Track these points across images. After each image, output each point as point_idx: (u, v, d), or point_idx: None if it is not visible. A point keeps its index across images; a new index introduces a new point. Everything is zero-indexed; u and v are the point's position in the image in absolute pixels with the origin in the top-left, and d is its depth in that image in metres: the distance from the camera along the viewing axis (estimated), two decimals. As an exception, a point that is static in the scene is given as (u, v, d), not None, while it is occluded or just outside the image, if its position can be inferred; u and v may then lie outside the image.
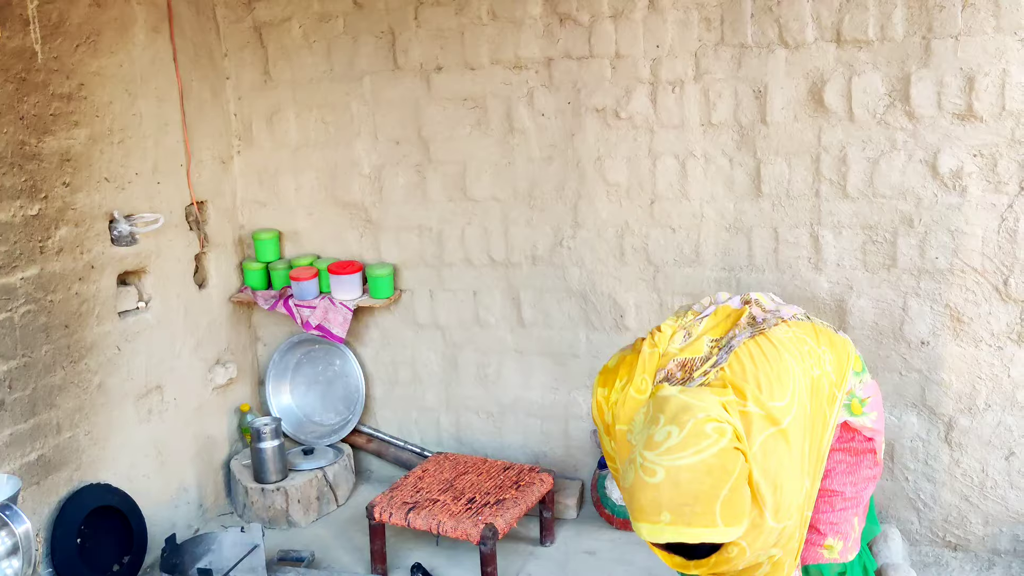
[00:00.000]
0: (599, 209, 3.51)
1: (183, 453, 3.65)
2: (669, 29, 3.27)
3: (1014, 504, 3.19)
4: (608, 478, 3.56)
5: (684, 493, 1.73)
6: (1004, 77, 2.92)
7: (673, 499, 1.72)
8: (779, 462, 1.87)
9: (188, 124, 3.62)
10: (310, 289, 3.80)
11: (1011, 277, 3.04)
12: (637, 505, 1.77)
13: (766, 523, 1.86)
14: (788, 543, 1.95)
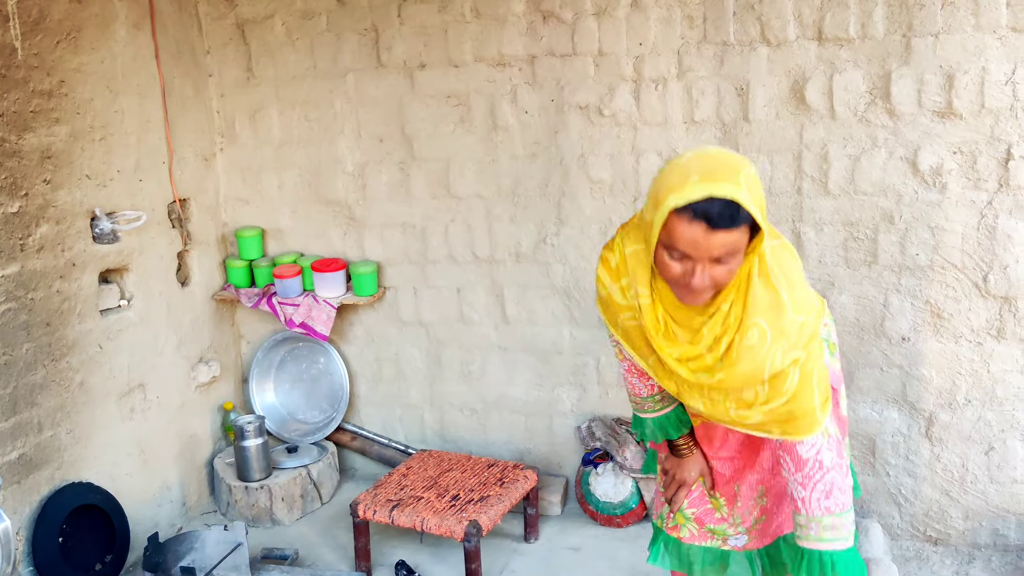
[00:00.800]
0: (583, 206, 3.52)
1: (166, 451, 3.64)
2: (652, 27, 3.28)
3: (994, 498, 3.22)
4: (592, 475, 3.57)
5: (713, 159, 1.76)
6: (983, 75, 2.95)
7: (702, 165, 1.74)
8: (788, 266, 1.87)
9: (170, 121, 3.61)
10: (293, 287, 3.79)
11: (990, 273, 3.07)
12: (665, 182, 1.76)
13: (785, 307, 1.83)
14: (810, 343, 1.86)
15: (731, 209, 1.70)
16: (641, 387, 2.21)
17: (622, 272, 1.98)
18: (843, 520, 1.94)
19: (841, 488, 1.94)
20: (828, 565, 1.93)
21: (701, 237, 1.71)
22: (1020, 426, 3.15)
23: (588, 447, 3.63)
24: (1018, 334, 3.08)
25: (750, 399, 1.90)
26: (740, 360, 1.85)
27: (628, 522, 3.53)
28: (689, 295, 1.82)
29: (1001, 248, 3.04)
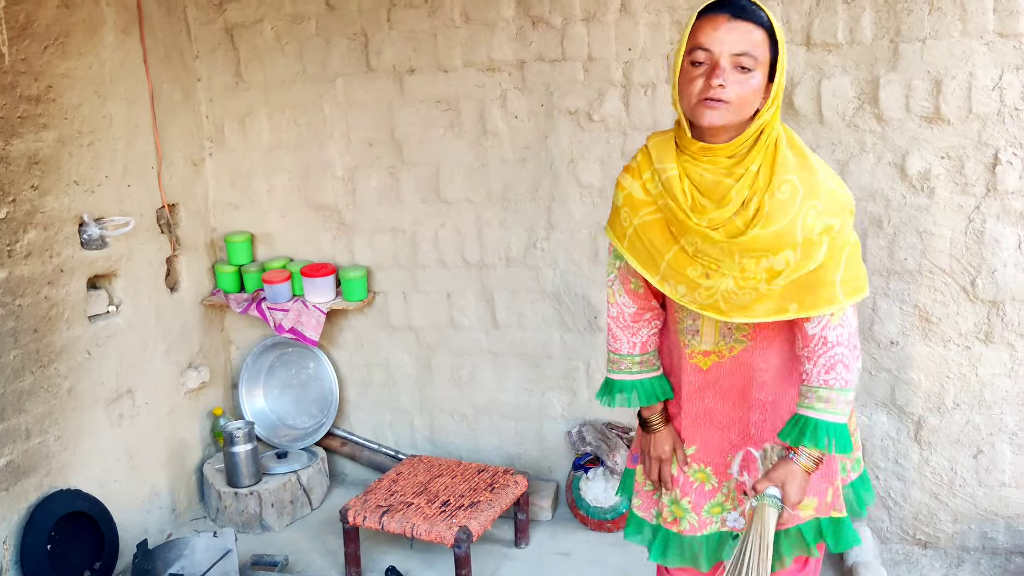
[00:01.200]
0: (573, 211, 3.52)
1: (155, 457, 3.62)
2: (641, 32, 3.28)
3: (982, 501, 3.23)
4: (582, 479, 3.58)
5: None
6: (971, 80, 2.96)
7: None
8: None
9: (159, 126, 3.60)
10: (283, 292, 3.78)
11: (978, 278, 3.08)
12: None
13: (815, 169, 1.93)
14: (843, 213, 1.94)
15: (753, 6, 1.86)
16: (624, 341, 2.22)
17: (645, 167, 2.05)
18: (839, 396, 1.99)
19: (845, 366, 1.98)
20: (810, 429, 1.99)
21: (724, 25, 1.83)
22: (1008, 429, 3.16)
23: (579, 452, 3.63)
24: (1006, 338, 3.10)
25: (780, 267, 1.93)
26: (774, 216, 1.89)
27: (619, 527, 3.53)
28: (709, 106, 1.85)
29: (989, 252, 3.05)
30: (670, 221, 2.01)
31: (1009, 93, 2.93)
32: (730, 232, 1.93)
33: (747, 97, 1.86)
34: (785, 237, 1.91)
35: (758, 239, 1.91)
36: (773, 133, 1.93)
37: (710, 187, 1.95)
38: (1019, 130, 2.95)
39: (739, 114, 1.87)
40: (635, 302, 2.19)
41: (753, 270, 1.95)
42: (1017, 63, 2.91)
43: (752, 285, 1.97)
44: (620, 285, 2.19)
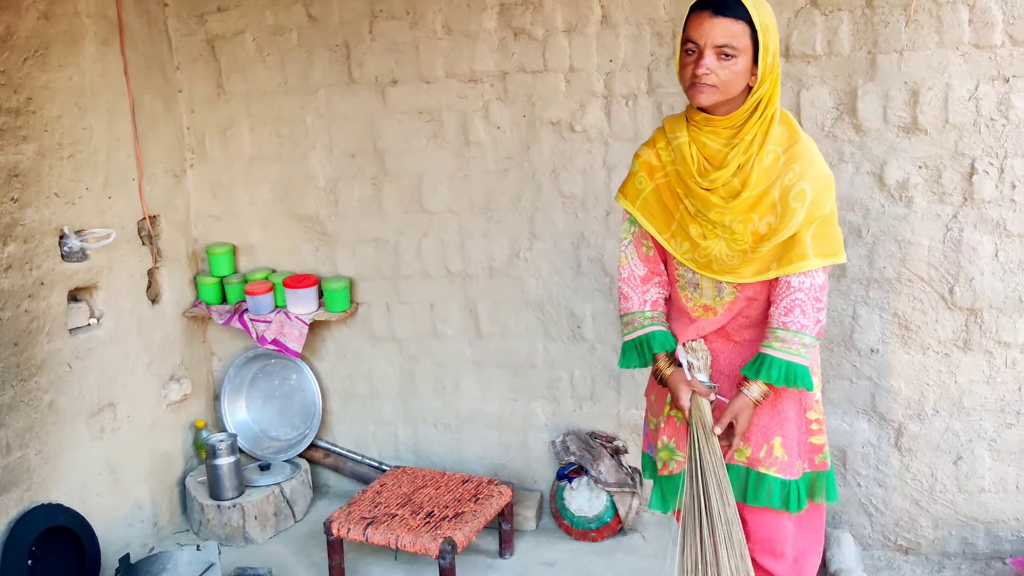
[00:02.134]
0: (555, 221, 3.53)
1: (137, 471, 3.60)
2: (622, 44, 3.31)
3: (963, 507, 3.26)
4: (567, 489, 3.58)
5: None
6: (947, 91, 3.00)
7: None
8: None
9: (140, 138, 3.58)
10: (265, 303, 3.77)
11: (956, 286, 3.12)
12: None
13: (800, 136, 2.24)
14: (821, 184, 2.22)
15: (734, 2, 2.14)
16: (635, 299, 2.47)
17: (659, 139, 2.38)
18: (795, 338, 2.25)
19: (803, 311, 2.25)
20: (765, 365, 2.26)
21: (706, 21, 2.14)
22: (987, 436, 3.20)
23: (562, 461, 3.64)
24: (984, 345, 3.13)
25: (763, 231, 2.23)
26: (760, 179, 2.21)
27: (603, 536, 3.54)
28: (698, 88, 2.17)
29: (966, 261, 3.09)
30: (678, 183, 2.33)
31: (985, 103, 2.97)
32: (728, 192, 2.25)
33: (730, 79, 2.17)
34: (766, 198, 2.22)
35: (746, 200, 2.22)
36: (770, 108, 2.23)
37: (712, 154, 2.27)
38: (995, 140, 2.99)
39: (725, 93, 2.19)
40: (646, 265, 2.47)
41: (741, 233, 2.25)
42: (992, 74, 2.95)
43: (741, 249, 2.27)
44: (633, 248, 2.48)
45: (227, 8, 3.70)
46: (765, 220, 2.23)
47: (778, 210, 2.22)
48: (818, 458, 2.45)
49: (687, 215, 2.33)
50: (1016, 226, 3.03)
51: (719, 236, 2.29)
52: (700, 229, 2.32)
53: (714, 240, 2.30)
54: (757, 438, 2.39)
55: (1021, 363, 3.11)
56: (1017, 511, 3.22)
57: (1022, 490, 3.20)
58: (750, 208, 2.24)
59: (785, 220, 2.21)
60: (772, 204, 2.22)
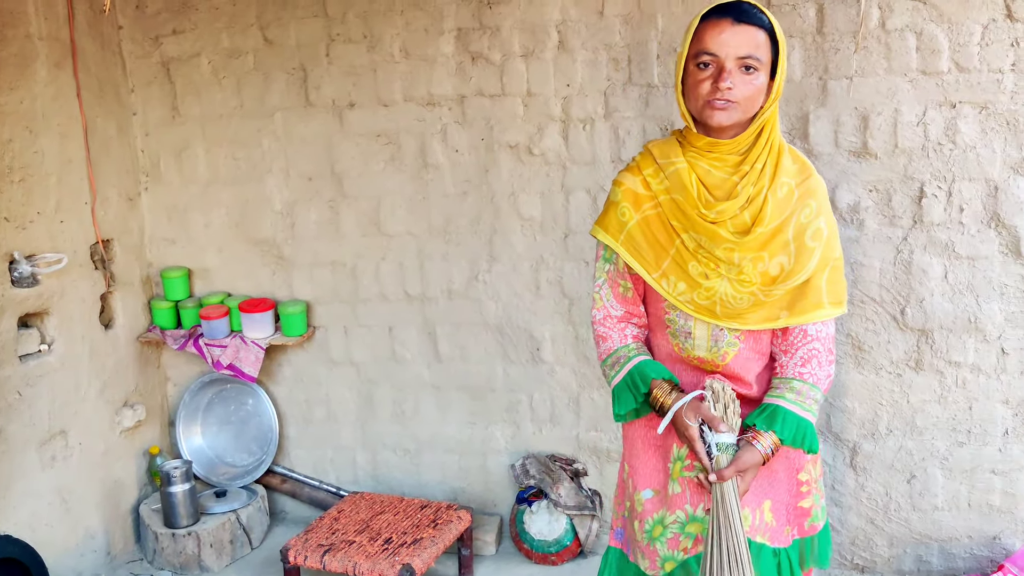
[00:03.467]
0: (514, 243, 3.54)
1: (89, 499, 3.53)
2: (579, 69, 3.33)
3: (916, 526, 3.30)
4: (526, 513, 3.57)
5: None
6: (896, 116, 3.06)
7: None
8: None
9: (93, 161, 3.54)
10: (221, 328, 3.73)
11: (907, 307, 3.17)
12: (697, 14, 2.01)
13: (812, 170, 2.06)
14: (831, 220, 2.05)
15: (755, 9, 1.94)
16: (615, 336, 2.20)
17: (646, 164, 2.12)
18: (810, 391, 2.04)
19: (819, 363, 2.05)
20: (780, 417, 2.02)
21: (728, 30, 1.91)
22: (939, 454, 3.24)
23: (522, 485, 3.63)
24: (935, 365, 3.19)
25: (775, 272, 2.01)
26: (773, 213, 1.99)
27: (563, 559, 3.53)
28: (717, 107, 1.94)
29: (917, 282, 3.15)
30: (673, 215, 2.06)
31: (932, 129, 3.04)
32: (738, 227, 2.00)
33: (753, 96, 1.96)
34: (779, 236, 1.99)
35: (759, 237, 1.99)
36: (775, 131, 2.03)
37: (717, 184, 2.03)
38: (943, 164, 3.05)
39: (746, 112, 1.97)
40: (622, 306, 2.21)
41: (750, 272, 2.01)
42: (939, 100, 3.02)
43: (749, 291, 2.02)
44: (608, 289, 2.21)
45: (182, 31, 3.67)
46: (777, 260, 2.01)
47: (791, 250, 2.00)
48: (808, 522, 2.21)
49: (685, 251, 2.06)
50: (964, 248, 3.09)
51: (723, 276, 2.03)
52: (701, 267, 2.04)
53: (718, 280, 2.03)
54: (749, 501, 2.11)
55: (971, 382, 3.17)
56: (969, 528, 3.26)
57: (974, 508, 3.25)
58: (762, 246, 2.00)
59: (801, 261, 2.00)
60: (785, 243, 2.00)
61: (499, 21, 3.36)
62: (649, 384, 2.12)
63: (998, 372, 3.14)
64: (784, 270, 2.00)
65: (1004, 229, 3.04)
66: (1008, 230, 3.04)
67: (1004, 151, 3.00)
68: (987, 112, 2.99)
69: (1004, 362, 3.13)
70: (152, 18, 3.69)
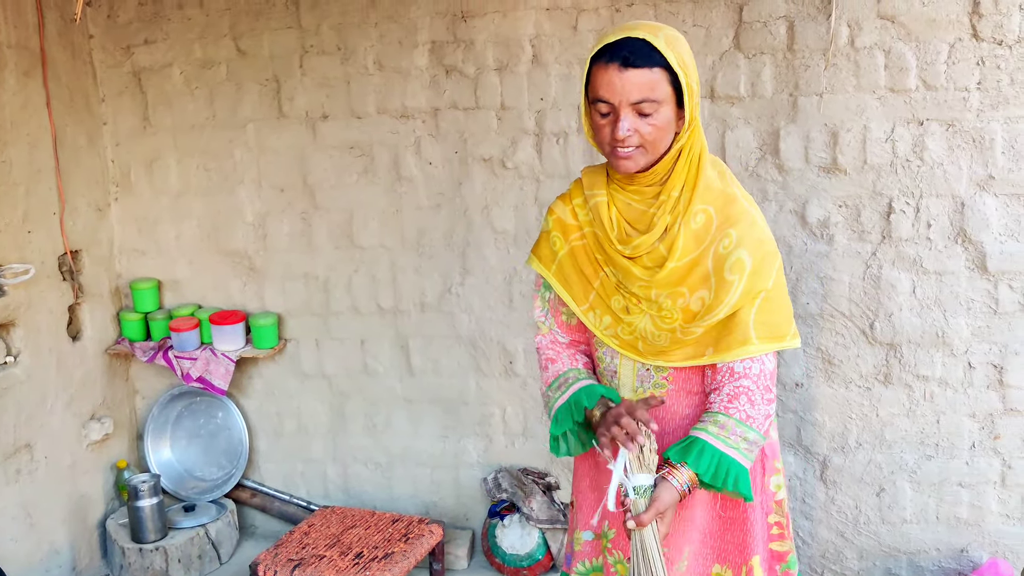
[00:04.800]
0: (487, 256, 3.54)
1: (55, 514, 3.47)
2: (553, 83, 3.35)
3: (886, 538, 3.33)
4: (499, 526, 3.56)
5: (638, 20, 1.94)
6: (865, 132, 3.10)
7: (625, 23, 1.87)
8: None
9: (62, 171, 3.50)
10: (191, 340, 3.70)
11: (876, 321, 3.20)
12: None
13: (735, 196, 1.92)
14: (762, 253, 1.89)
15: (645, 48, 1.80)
16: (564, 357, 2.10)
17: (576, 193, 2.05)
18: (736, 427, 1.87)
19: (750, 401, 1.88)
20: (696, 449, 1.85)
21: (616, 76, 1.79)
22: (908, 468, 3.27)
23: (495, 499, 3.62)
24: (903, 379, 3.22)
25: (695, 308, 1.89)
26: (687, 246, 1.88)
27: (535, 574, 3.52)
28: (620, 156, 1.85)
29: (885, 297, 3.18)
30: (596, 248, 1.99)
31: (901, 145, 3.08)
32: (655, 261, 1.91)
33: (657, 137, 1.85)
34: (697, 269, 1.88)
35: (674, 272, 1.89)
36: (694, 151, 1.91)
37: (637, 217, 1.95)
38: (911, 180, 3.09)
39: (654, 152, 1.87)
40: (568, 334, 2.14)
41: (670, 309, 1.91)
42: (907, 117, 3.06)
43: (669, 327, 1.92)
44: (552, 318, 2.14)
45: (154, 40, 3.65)
46: (697, 295, 1.89)
47: (712, 283, 1.88)
48: (782, 568, 2.12)
49: (609, 284, 1.99)
50: (932, 264, 3.13)
51: (644, 312, 1.95)
52: (623, 302, 1.97)
53: (639, 315, 1.95)
54: (734, 558, 2.04)
55: (939, 396, 3.20)
56: (937, 541, 3.29)
57: (942, 520, 3.28)
58: (679, 281, 1.90)
59: (720, 295, 1.87)
60: (705, 276, 1.88)
61: (473, 35, 3.37)
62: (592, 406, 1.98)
63: (965, 386, 3.18)
64: (705, 304, 1.88)
65: (970, 245, 3.09)
66: (974, 246, 3.08)
67: (970, 168, 3.05)
68: (954, 129, 3.04)
69: (971, 376, 3.17)
70: (124, 28, 3.66)
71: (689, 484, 1.85)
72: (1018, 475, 3.20)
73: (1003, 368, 3.15)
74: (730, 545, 2.04)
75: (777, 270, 1.93)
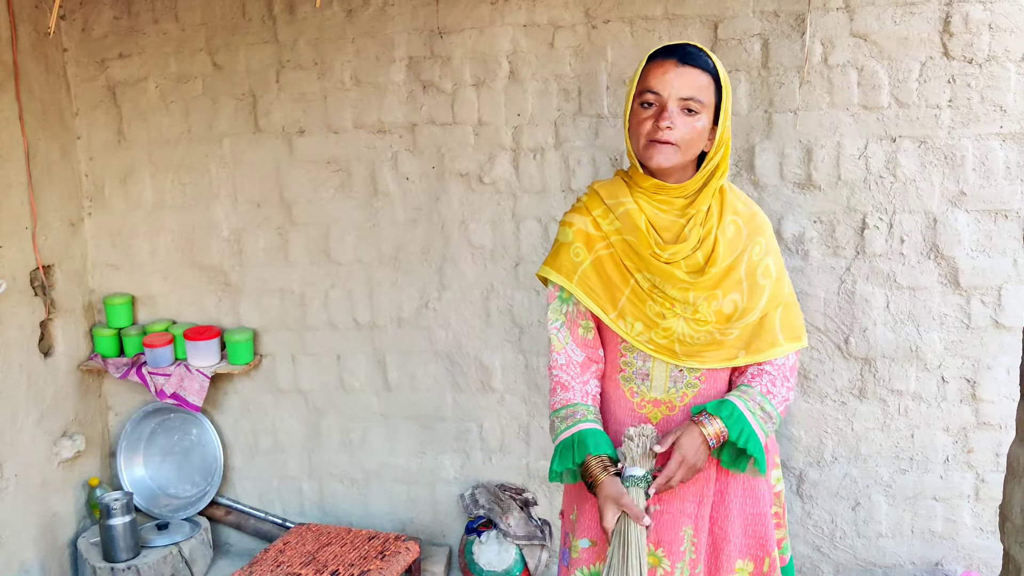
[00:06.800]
0: (464, 271, 3.54)
1: (24, 533, 3.42)
2: (529, 99, 3.36)
3: (861, 553, 3.34)
4: (476, 543, 3.54)
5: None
6: (839, 149, 3.13)
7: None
8: None
9: (35, 185, 3.46)
10: (165, 356, 3.66)
11: (851, 336, 3.23)
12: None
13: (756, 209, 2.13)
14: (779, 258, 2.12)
15: (701, 54, 1.98)
16: (577, 390, 2.11)
17: (594, 205, 2.10)
18: (760, 400, 2.03)
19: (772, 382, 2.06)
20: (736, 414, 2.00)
21: (672, 70, 1.95)
22: (883, 482, 3.29)
23: (472, 515, 3.60)
24: (878, 393, 3.24)
25: (729, 311, 2.02)
26: (725, 252, 2.01)
27: (512, 590, 3.51)
28: (656, 148, 1.96)
29: (860, 312, 3.21)
30: (627, 256, 2.05)
31: (874, 162, 3.11)
32: (692, 267, 2.02)
33: (693, 138, 1.97)
34: (732, 274, 2.02)
35: (713, 276, 2.01)
36: (724, 171, 2.06)
37: (666, 226, 2.04)
38: (884, 196, 3.13)
39: (685, 155, 1.98)
40: (583, 350, 2.13)
41: (705, 312, 2.02)
42: (880, 134, 3.10)
43: (706, 329, 2.03)
44: (567, 332, 2.13)
45: (129, 54, 3.63)
46: (730, 298, 2.02)
47: (744, 287, 2.02)
48: (777, 553, 2.20)
49: (640, 290, 2.04)
50: (905, 279, 3.16)
51: (679, 315, 2.03)
52: (658, 307, 2.03)
53: (674, 319, 2.03)
54: (756, 552, 2.13)
55: (913, 410, 3.23)
56: (912, 555, 3.31)
57: (917, 534, 3.30)
58: (715, 284, 2.02)
59: (754, 299, 2.03)
60: (738, 280, 2.02)
61: (450, 50, 3.38)
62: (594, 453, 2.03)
63: (938, 400, 3.21)
64: (738, 308, 2.02)
65: (943, 260, 3.12)
66: (947, 261, 3.12)
67: (942, 184, 3.08)
68: (926, 146, 3.08)
69: (944, 390, 3.20)
70: (98, 41, 3.64)
71: (716, 438, 2.00)
72: (991, 489, 3.23)
73: (976, 382, 3.18)
74: (752, 540, 2.14)
75: (788, 277, 2.13)
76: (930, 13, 3.02)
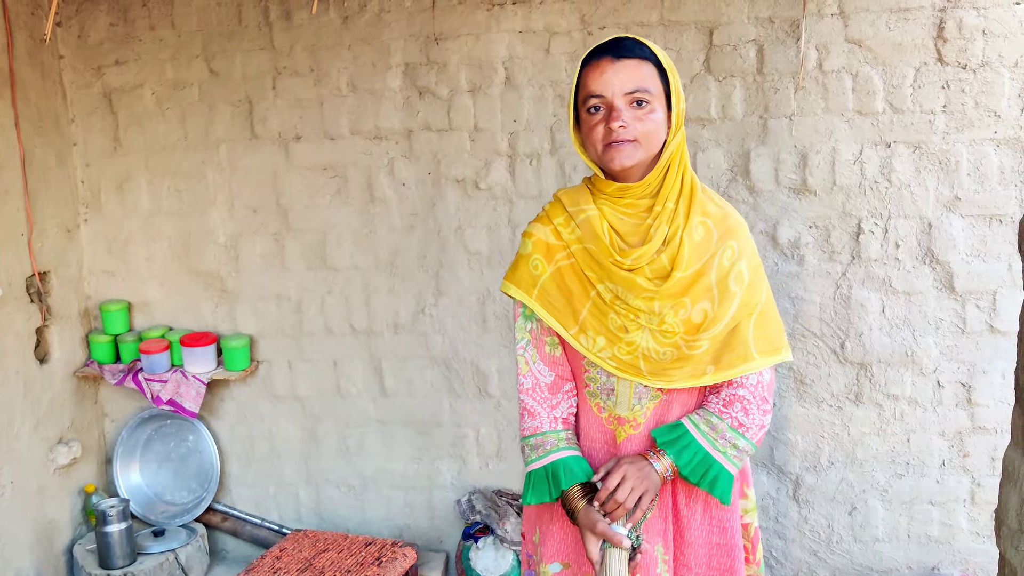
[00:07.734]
0: (461, 277, 3.54)
1: (20, 540, 3.41)
2: (525, 104, 3.37)
3: (858, 557, 3.35)
4: (472, 549, 3.54)
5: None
6: (834, 154, 3.14)
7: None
8: None
9: (31, 191, 3.47)
10: (161, 362, 3.66)
11: (847, 341, 3.23)
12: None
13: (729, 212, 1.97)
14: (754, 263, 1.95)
15: (635, 44, 1.86)
16: (544, 416, 2.01)
17: (556, 213, 2.00)
18: (729, 433, 1.91)
19: (745, 410, 1.91)
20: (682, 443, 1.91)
21: (609, 68, 1.84)
22: (879, 486, 3.30)
23: (468, 521, 3.60)
24: (874, 398, 3.25)
25: (698, 319, 1.89)
26: (691, 255, 1.88)
27: (509, 595, 3.51)
28: (615, 148, 1.84)
29: (856, 317, 3.21)
30: (588, 265, 1.94)
31: (869, 167, 3.12)
32: (656, 272, 1.89)
33: (650, 130, 1.85)
34: (701, 280, 1.88)
35: (679, 282, 1.88)
36: (684, 165, 1.92)
37: (630, 230, 1.92)
38: (879, 201, 3.14)
39: (647, 149, 1.86)
40: (552, 369, 2.04)
41: (672, 322, 1.89)
42: (875, 139, 3.11)
43: (671, 342, 1.90)
44: (533, 350, 2.03)
45: (125, 61, 3.63)
46: (699, 306, 1.89)
47: (715, 295, 1.88)
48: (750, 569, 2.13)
49: (602, 302, 1.93)
50: (900, 283, 3.17)
51: (643, 327, 1.90)
52: (621, 320, 1.91)
53: (638, 332, 1.91)
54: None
55: (909, 415, 3.24)
56: (909, 559, 3.32)
57: (913, 539, 3.30)
58: (683, 291, 1.88)
59: (725, 306, 1.88)
60: (708, 287, 1.88)
61: (447, 57, 3.39)
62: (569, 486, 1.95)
63: (934, 405, 3.22)
64: (708, 316, 1.88)
65: (938, 265, 3.13)
66: (942, 266, 3.13)
67: (937, 189, 3.10)
68: (920, 152, 3.09)
69: (940, 395, 3.21)
70: (94, 48, 3.64)
71: (670, 472, 1.91)
72: (987, 493, 3.24)
73: (971, 387, 3.19)
74: (716, 572, 2.04)
75: (766, 284, 1.97)
76: (924, 19, 3.03)
